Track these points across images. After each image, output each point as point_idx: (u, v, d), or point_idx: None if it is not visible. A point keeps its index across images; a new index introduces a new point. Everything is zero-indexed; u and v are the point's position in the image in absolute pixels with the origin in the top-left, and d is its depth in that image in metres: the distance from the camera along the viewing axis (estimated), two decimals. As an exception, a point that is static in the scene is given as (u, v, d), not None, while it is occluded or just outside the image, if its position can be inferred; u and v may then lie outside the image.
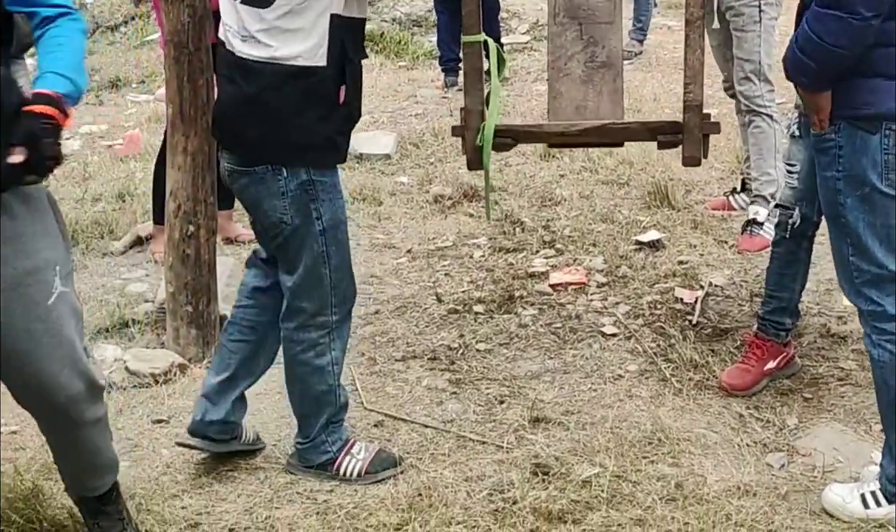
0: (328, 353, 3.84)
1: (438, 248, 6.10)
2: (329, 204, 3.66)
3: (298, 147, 3.56)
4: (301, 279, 3.73)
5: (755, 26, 5.84)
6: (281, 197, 3.60)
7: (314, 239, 3.67)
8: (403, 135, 8.19)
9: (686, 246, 5.88)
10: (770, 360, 4.47)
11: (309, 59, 3.48)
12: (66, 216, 6.55)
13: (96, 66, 10.85)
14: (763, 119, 5.92)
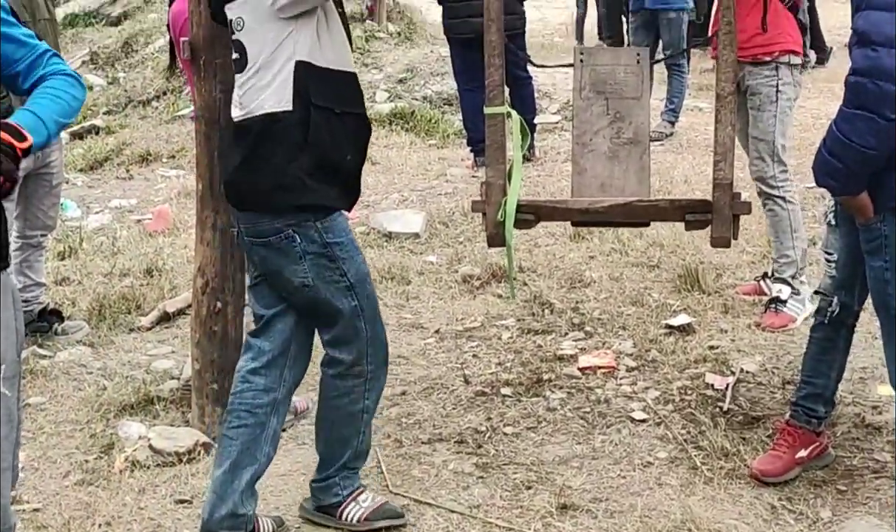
0: (362, 401, 3.96)
1: (466, 328, 6.05)
2: (350, 261, 3.81)
3: (267, 189, 3.70)
4: (339, 332, 3.87)
5: (771, 106, 5.81)
6: (299, 261, 3.75)
7: (344, 295, 3.80)
8: (433, 213, 8.17)
9: (717, 330, 5.81)
10: (802, 448, 4.38)
11: (275, 106, 3.67)
12: (94, 291, 6.63)
13: (127, 141, 10.94)
14: (776, 201, 5.88)
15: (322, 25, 3.73)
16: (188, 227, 7.62)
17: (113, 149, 10.75)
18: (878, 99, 3.28)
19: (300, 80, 3.66)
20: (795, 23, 5.83)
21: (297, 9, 3.65)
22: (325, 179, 3.74)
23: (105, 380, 5.46)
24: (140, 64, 13.76)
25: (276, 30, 3.68)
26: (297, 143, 3.68)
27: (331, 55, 3.74)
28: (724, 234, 4.25)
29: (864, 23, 3.32)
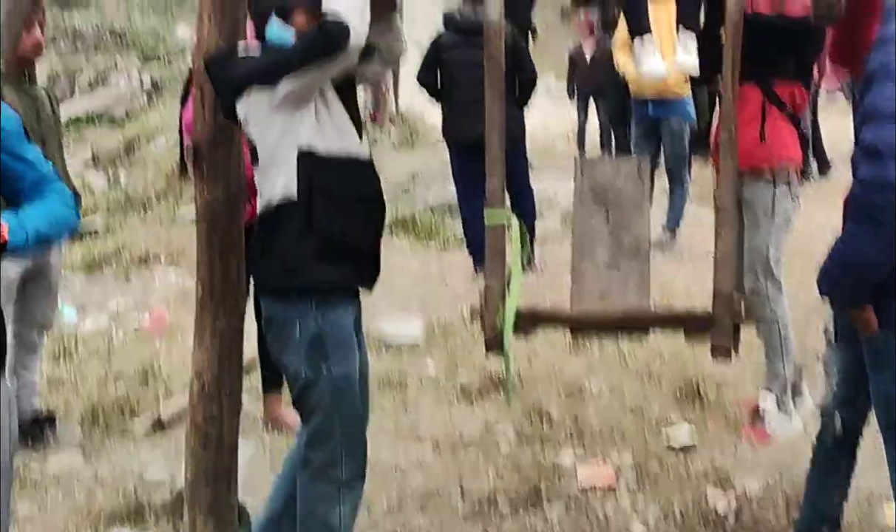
0: (338, 506, 3.91)
1: (464, 439, 5.96)
2: (339, 358, 3.85)
3: (276, 273, 3.89)
4: (315, 429, 3.89)
5: (767, 220, 5.73)
6: (297, 351, 3.84)
7: (325, 392, 3.83)
8: (432, 320, 8.11)
9: (719, 445, 5.72)
10: (807, 571, 4.29)
11: (283, 196, 3.82)
12: (88, 395, 6.54)
13: (126, 242, 10.90)
14: (766, 316, 5.81)
15: (322, 112, 3.83)
16: (186, 331, 7.53)
17: (112, 250, 10.71)
18: (884, 210, 3.25)
19: (303, 168, 3.79)
20: (796, 135, 5.76)
21: (293, 100, 3.76)
22: (331, 261, 3.84)
23: (96, 488, 5.37)
24: (141, 165, 13.79)
25: (279, 122, 3.80)
26: (302, 229, 3.80)
27: (333, 140, 3.84)
28: (725, 344, 4.22)
29: (871, 135, 3.30)
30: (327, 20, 3.69)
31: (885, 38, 3.48)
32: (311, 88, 3.78)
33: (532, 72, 9.21)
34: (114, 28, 18.66)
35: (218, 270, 4.72)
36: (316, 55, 3.70)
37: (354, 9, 3.71)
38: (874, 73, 3.46)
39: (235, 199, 4.71)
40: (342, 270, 3.87)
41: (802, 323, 6.50)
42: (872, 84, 3.45)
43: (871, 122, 3.36)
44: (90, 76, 17.27)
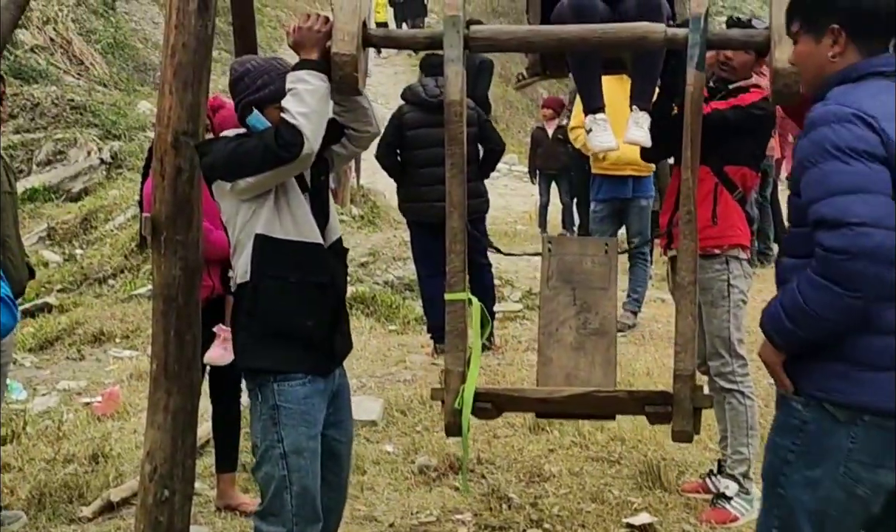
0: None
1: (422, 523, 5.85)
2: (292, 429, 3.90)
3: (237, 353, 4.06)
4: (266, 503, 3.94)
5: (724, 301, 5.79)
6: (257, 421, 3.95)
7: (276, 462, 3.89)
8: (391, 401, 8.00)
9: (679, 531, 5.64)
10: None
11: (241, 278, 3.95)
12: (35, 478, 6.36)
13: (80, 319, 10.73)
14: (734, 395, 5.83)
15: (281, 199, 3.91)
16: (139, 411, 7.40)
17: (65, 328, 10.53)
18: (850, 277, 3.22)
19: (256, 252, 3.90)
20: (744, 215, 5.84)
21: (252, 192, 3.88)
22: (278, 345, 3.93)
23: (39, 577, 5.19)
24: (98, 241, 13.63)
25: (242, 210, 3.94)
26: (248, 311, 3.94)
27: (290, 227, 3.92)
28: (686, 428, 4.16)
29: (830, 210, 3.28)
30: (282, 127, 3.79)
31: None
32: (267, 185, 3.89)
33: (499, 143, 9.12)
34: (74, 102, 18.57)
35: (173, 347, 4.64)
36: (269, 162, 3.81)
37: (312, 112, 3.81)
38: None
39: (193, 275, 4.65)
40: (291, 355, 3.95)
41: (762, 406, 6.46)
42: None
43: (822, 199, 3.33)
44: (48, 150, 17.15)
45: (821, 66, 3.53)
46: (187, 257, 4.62)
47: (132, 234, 12.61)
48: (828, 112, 3.37)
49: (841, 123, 3.31)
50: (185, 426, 4.70)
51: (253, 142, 3.85)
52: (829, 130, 3.32)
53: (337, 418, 4.16)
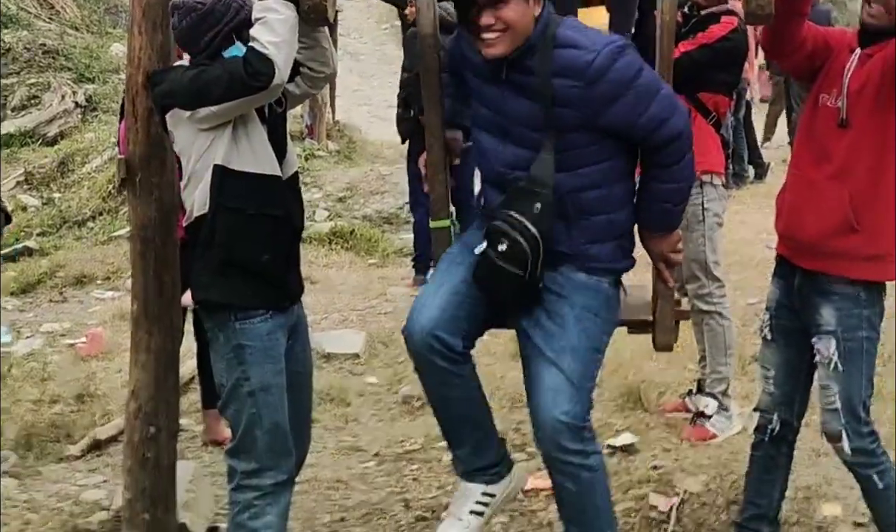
0: (263, 516, 3.90)
1: (407, 451, 5.95)
2: (257, 367, 3.85)
3: (195, 287, 3.97)
4: (237, 440, 3.92)
5: (699, 225, 5.83)
6: (220, 360, 3.92)
7: (244, 400, 3.86)
8: (373, 333, 8.07)
9: (660, 450, 5.73)
10: (748, 573, 4.31)
11: (199, 210, 3.87)
12: (22, 419, 6.41)
13: (61, 262, 10.73)
14: (712, 317, 5.90)
15: (240, 130, 3.83)
16: (123, 351, 7.43)
17: (46, 271, 10.52)
18: None
19: (215, 183, 3.82)
20: (718, 140, 5.86)
21: (213, 122, 3.79)
22: (235, 278, 3.87)
23: (31, 513, 5.24)
24: (76, 184, 13.57)
25: (199, 139, 3.84)
26: (206, 243, 3.86)
27: (249, 158, 3.84)
28: (667, 340, 4.25)
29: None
30: (251, 56, 3.69)
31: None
32: (230, 114, 3.80)
33: None
34: (46, 46, 18.42)
35: (153, 288, 4.65)
36: (237, 91, 3.71)
37: (282, 42, 3.70)
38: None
39: (169, 216, 4.65)
40: (247, 289, 3.89)
41: (739, 326, 6.55)
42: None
43: None
44: (22, 95, 17.03)
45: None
46: (163, 198, 4.59)
47: (109, 176, 12.57)
48: None
49: None
50: (168, 364, 4.72)
51: (217, 71, 3.76)
52: None
53: (296, 351, 4.12)
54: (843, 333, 3.95)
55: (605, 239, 3.83)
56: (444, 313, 3.77)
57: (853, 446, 3.99)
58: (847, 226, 3.91)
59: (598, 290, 3.83)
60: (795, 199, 4.09)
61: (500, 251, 3.64)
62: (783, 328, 4.17)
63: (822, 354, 3.99)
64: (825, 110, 4.02)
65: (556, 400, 3.59)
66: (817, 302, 4.00)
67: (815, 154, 4.04)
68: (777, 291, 4.22)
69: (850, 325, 3.96)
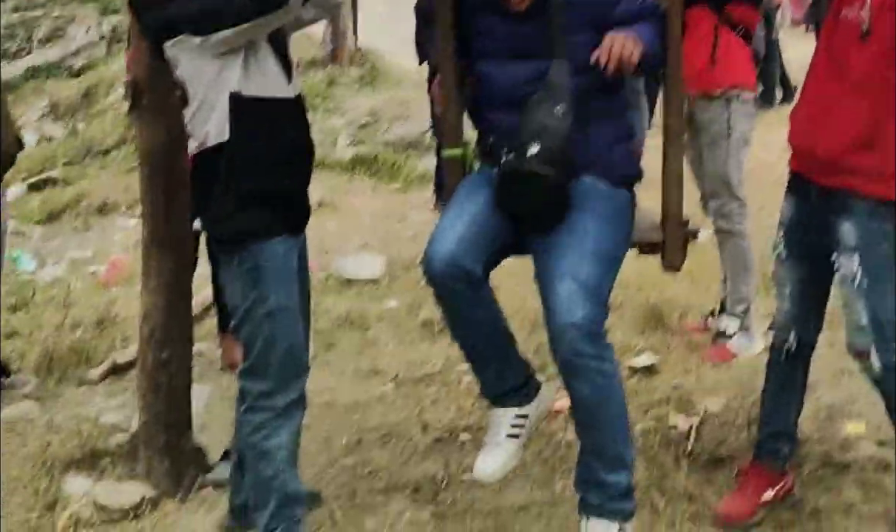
0: (275, 436, 3.88)
1: (426, 374, 5.92)
2: (274, 288, 3.78)
3: (214, 220, 3.80)
4: (252, 361, 3.86)
5: (724, 142, 5.72)
6: (234, 281, 3.81)
7: (260, 322, 3.78)
8: (393, 258, 8.04)
9: (681, 370, 5.69)
10: (767, 488, 4.25)
11: (217, 138, 3.70)
12: (44, 344, 6.44)
13: (85, 191, 10.77)
14: (733, 236, 5.80)
15: (251, 56, 3.70)
16: (144, 278, 7.46)
17: (70, 200, 10.56)
18: None
19: (232, 112, 3.68)
20: (748, 53, 5.73)
21: (228, 46, 3.64)
22: (258, 207, 3.76)
23: (51, 434, 5.27)
24: (100, 114, 13.60)
25: (209, 66, 3.67)
26: (227, 174, 3.72)
27: (262, 83, 3.73)
28: (676, 261, 4.22)
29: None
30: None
31: None
32: (245, 37, 3.67)
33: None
34: (72, -21, 18.39)
35: (162, 213, 4.63)
36: (253, 12, 3.60)
37: None
38: None
39: (178, 141, 4.59)
40: (269, 216, 3.80)
41: (762, 245, 6.46)
42: None
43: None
44: (48, 28, 17.04)
45: None
46: (170, 121, 4.54)
47: (129, 102, 12.57)
48: None
49: None
50: (180, 289, 4.71)
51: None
52: None
53: (301, 275, 4.08)
54: (867, 249, 3.85)
55: (618, 143, 3.90)
56: (462, 240, 3.74)
57: (883, 363, 3.91)
58: (866, 140, 3.81)
59: (615, 199, 3.84)
60: (812, 114, 3.98)
61: (531, 155, 3.62)
62: (798, 245, 4.08)
63: (846, 272, 3.90)
64: (846, 23, 3.90)
65: (572, 306, 3.56)
66: (837, 218, 3.90)
67: (834, 68, 3.92)
68: (791, 208, 4.13)
69: (872, 240, 3.85)
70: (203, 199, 3.84)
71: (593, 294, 3.59)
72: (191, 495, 4.62)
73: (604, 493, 3.74)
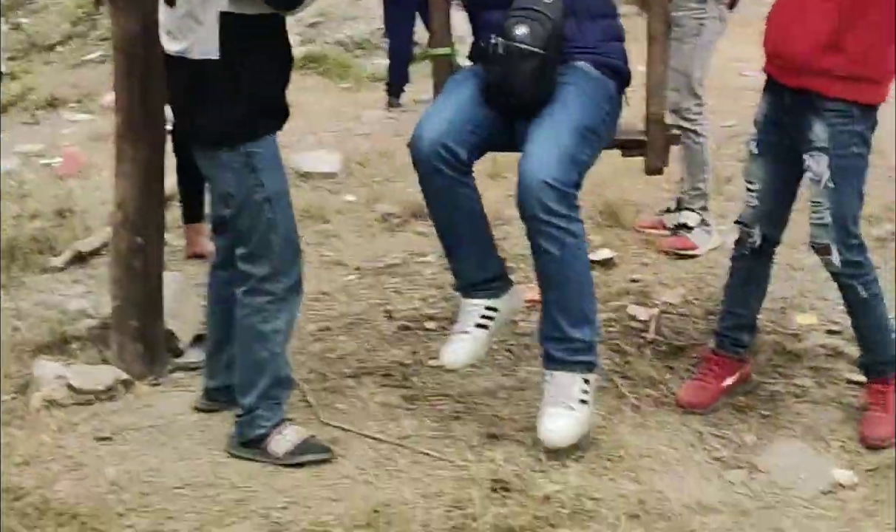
0: (273, 320, 3.98)
1: (388, 265, 6.02)
2: (271, 173, 3.89)
3: (213, 133, 3.85)
4: (253, 247, 3.92)
5: (693, 39, 5.85)
6: (224, 170, 3.87)
7: (259, 208, 3.87)
8: (349, 154, 8.08)
9: (638, 265, 5.84)
10: (727, 376, 4.43)
11: (207, 54, 3.74)
12: (4, 233, 6.41)
13: (32, 86, 10.63)
14: (689, 135, 5.91)
15: None
16: (100, 170, 7.43)
17: (17, 94, 10.42)
18: None
19: (225, 30, 3.72)
20: None
21: None
22: (252, 117, 3.83)
23: (18, 321, 5.30)
24: (44, 9, 13.37)
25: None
26: (230, 90, 3.77)
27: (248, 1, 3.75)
28: (658, 163, 4.36)
29: None
30: None
31: None
32: None
33: None
34: None
35: (137, 100, 4.64)
36: None
37: None
38: None
39: (153, 28, 4.58)
40: (265, 119, 3.91)
41: (714, 148, 6.60)
42: None
43: None
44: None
45: None
46: (147, 11, 4.54)
47: (78, 1, 12.39)
48: None
49: None
50: (153, 176, 4.74)
51: None
52: None
53: None
54: (836, 150, 3.97)
55: (610, 40, 4.02)
56: (451, 124, 3.87)
57: (843, 259, 4.06)
58: (834, 43, 3.91)
59: (604, 85, 3.97)
60: (783, 17, 4.07)
61: (520, 34, 3.73)
62: (771, 144, 4.19)
63: (814, 171, 4.02)
64: None
65: (545, 165, 3.68)
66: (809, 119, 4.00)
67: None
68: (765, 108, 4.23)
69: (842, 141, 3.97)
70: (190, 104, 3.90)
71: (569, 159, 3.71)
72: (163, 378, 4.69)
73: (568, 348, 3.90)
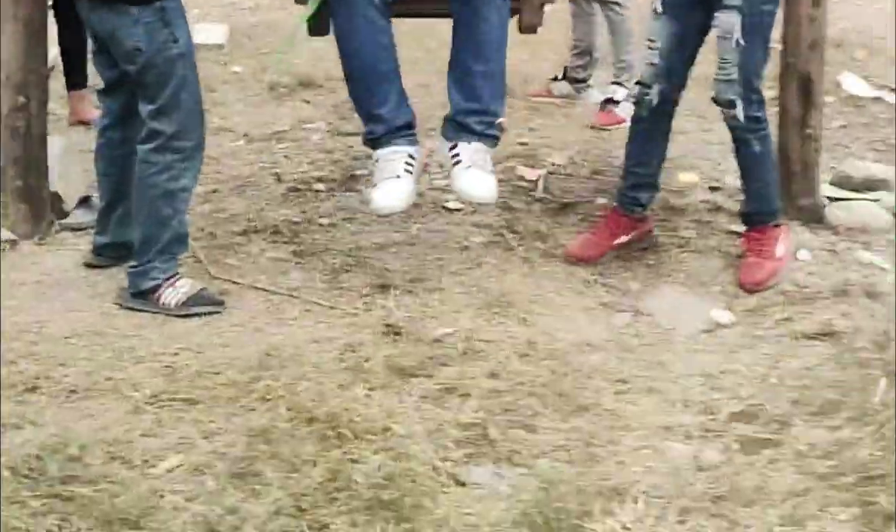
0: (181, 179, 3.97)
1: (276, 132, 6.01)
2: (182, 29, 3.86)
3: None
4: (163, 103, 3.87)
5: None
6: (135, 25, 3.77)
7: (173, 63, 3.83)
8: (235, 27, 7.98)
9: (526, 130, 5.90)
10: (622, 234, 4.52)
11: None
12: None
13: None
14: (610, 7, 5.96)
15: None
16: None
17: None
18: None
19: None
20: None
21: None
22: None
23: None
24: None
25: None
26: None
27: None
28: (533, 21, 4.38)
29: None
30: None
31: None
32: None
33: None
34: None
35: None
36: None
37: None
38: None
39: None
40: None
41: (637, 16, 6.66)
42: None
43: None
44: None
45: None
46: None
47: None
48: None
49: None
50: (36, 35, 4.65)
51: None
52: None
53: None
54: (748, 8, 4.02)
55: None
56: None
57: (746, 114, 4.14)
58: None
59: None
60: None
61: None
62: (674, 4, 4.22)
63: (724, 28, 4.04)
64: None
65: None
66: None
67: None
68: None
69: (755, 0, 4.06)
70: None
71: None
72: (49, 238, 4.64)
73: (485, 121, 4.14)
